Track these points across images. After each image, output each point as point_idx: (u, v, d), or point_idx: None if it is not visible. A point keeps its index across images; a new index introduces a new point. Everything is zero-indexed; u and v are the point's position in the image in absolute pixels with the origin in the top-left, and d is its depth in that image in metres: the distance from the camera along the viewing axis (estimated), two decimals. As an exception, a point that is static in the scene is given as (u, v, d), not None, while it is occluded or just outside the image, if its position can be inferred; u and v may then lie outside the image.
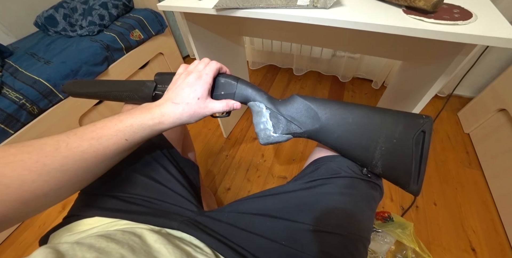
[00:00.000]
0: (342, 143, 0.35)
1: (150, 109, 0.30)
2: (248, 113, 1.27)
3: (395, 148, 0.33)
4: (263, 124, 0.37)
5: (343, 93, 1.35)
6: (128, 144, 0.27)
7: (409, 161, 0.33)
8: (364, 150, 0.34)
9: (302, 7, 0.44)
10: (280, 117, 0.37)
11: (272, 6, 0.45)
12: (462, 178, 0.95)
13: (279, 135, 0.36)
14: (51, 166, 0.21)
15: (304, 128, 0.36)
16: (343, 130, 0.34)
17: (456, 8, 0.38)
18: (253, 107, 0.39)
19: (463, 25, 0.34)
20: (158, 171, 0.37)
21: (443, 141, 1.08)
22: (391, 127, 0.33)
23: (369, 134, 0.33)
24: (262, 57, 1.54)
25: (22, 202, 0.20)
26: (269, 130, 0.37)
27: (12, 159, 0.20)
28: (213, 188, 0.98)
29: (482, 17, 0.36)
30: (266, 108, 0.38)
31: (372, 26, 0.37)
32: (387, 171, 0.34)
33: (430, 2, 0.35)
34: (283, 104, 0.37)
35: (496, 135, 0.93)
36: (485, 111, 1.00)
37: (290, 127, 0.36)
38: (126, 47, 1.23)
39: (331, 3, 0.42)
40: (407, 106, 0.57)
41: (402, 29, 0.35)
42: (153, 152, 0.39)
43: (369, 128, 0.34)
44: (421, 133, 0.33)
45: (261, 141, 0.37)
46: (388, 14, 0.39)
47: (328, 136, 0.35)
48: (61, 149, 0.22)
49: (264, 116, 0.37)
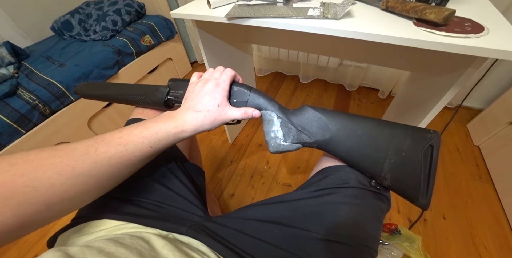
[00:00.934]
0: (352, 154, 0.34)
1: (173, 117, 0.30)
2: (253, 120, 1.27)
3: (404, 161, 0.33)
4: (274, 133, 0.37)
5: (349, 102, 1.34)
6: (152, 151, 0.28)
7: (418, 175, 0.33)
8: (373, 162, 0.34)
9: (313, 18, 0.44)
10: (291, 126, 0.37)
11: (282, 16, 0.46)
12: (473, 191, 0.92)
13: (289, 144, 0.36)
14: (79, 170, 0.22)
15: (314, 138, 0.36)
16: (353, 141, 0.34)
17: (468, 21, 0.38)
18: (265, 115, 0.39)
19: (475, 38, 0.34)
20: (166, 175, 0.37)
21: (452, 153, 1.06)
22: (399, 140, 0.33)
23: (378, 146, 0.33)
24: (269, 64, 1.56)
25: (48, 205, 0.20)
26: (280, 139, 0.36)
27: (44, 163, 0.20)
28: (217, 193, 0.97)
29: (494, 31, 0.35)
30: (277, 117, 0.38)
31: (383, 38, 0.37)
32: (396, 183, 0.33)
33: (441, 15, 0.35)
34: (293, 114, 0.38)
35: (508, 149, 0.91)
36: (495, 124, 0.98)
37: (300, 136, 0.37)
38: (137, 52, 1.26)
39: (342, 14, 0.42)
40: (416, 118, 0.57)
41: (413, 41, 0.35)
42: (161, 157, 0.39)
43: (378, 141, 0.34)
44: (429, 147, 0.33)
45: (271, 149, 0.36)
46: (398, 26, 0.39)
47: (338, 147, 0.35)
48: (90, 154, 0.23)
49: (275, 124, 0.37)
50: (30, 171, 0.19)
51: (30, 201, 0.19)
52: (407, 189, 0.33)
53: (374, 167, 0.33)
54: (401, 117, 0.73)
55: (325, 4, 0.48)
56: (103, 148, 0.24)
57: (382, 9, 0.46)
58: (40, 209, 0.20)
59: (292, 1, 0.53)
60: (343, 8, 0.43)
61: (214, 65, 0.76)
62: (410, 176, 0.33)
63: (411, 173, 0.33)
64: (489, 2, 0.45)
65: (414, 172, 0.33)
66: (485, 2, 0.46)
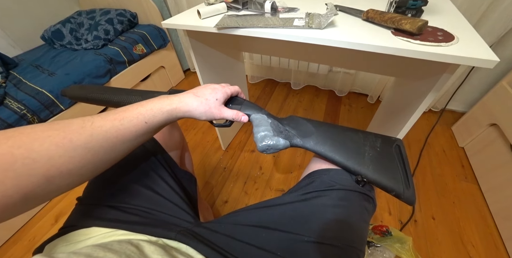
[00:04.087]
0: (336, 151, 0.38)
1: (169, 98, 0.32)
2: (246, 126, 1.28)
3: (381, 154, 0.38)
4: (264, 131, 0.38)
5: (340, 107, 1.38)
6: (147, 128, 0.28)
7: (395, 166, 0.38)
8: (355, 155, 0.38)
9: (298, 28, 0.47)
10: (280, 126, 0.41)
11: (270, 26, 0.48)
12: (459, 192, 0.95)
13: (278, 138, 0.37)
14: (77, 143, 0.22)
15: (301, 137, 0.39)
16: (335, 140, 0.39)
17: (440, 31, 0.42)
18: (255, 119, 0.41)
19: (445, 47, 0.37)
20: (157, 182, 0.37)
21: (438, 155, 1.10)
22: (372, 140, 0.40)
23: (356, 144, 0.39)
24: (261, 71, 1.59)
25: (47, 178, 0.20)
26: (269, 135, 0.38)
27: (40, 135, 0.20)
28: (210, 200, 0.97)
29: (463, 40, 0.39)
30: (268, 117, 0.41)
31: (364, 46, 0.40)
32: (379, 175, 0.36)
33: (415, 25, 0.38)
34: (282, 119, 0.43)
35: (490, 149, 0.95)
36: (477, 126, 1.03)
37: (289, 135, 0.39)
38: (129, 60, 1.27)
39: (325, 24, 0.45)
40: (400, 120, 0.59)
41: (391, 49, 0.38)
42: (152, 164, 0.40)
43: (354, 140, 0.40)
44: (396, 146, 0.40)
45: (259, 143, 0.37)
46: (378, 35, 0.42)
47: (323, 145, 0.38)
48: (87, 127, 0.23)
49: (266, 124, 0.39)
50: (27, 143, 0.19)
51: (29, 173, 0.19)
52: (389, 180, 0.35)
53: (357, 161, 0.37)
54: (388, 120, 0.75)
55: (310, 15, 0.51)
56: (99, 123, 0.24)
57: (363, 20, 0.50)
58: (40, 182, 0.20)
59: (279, 12, 0.56)
60: (327, 18, 0.45)
61: (206, 73, 0.78)
62: (389, 167, 0.37)
63: (389, 165, 0.37)
64: (460, 14, 0.49)
65: (391, 163, 0.37)
66: (456, 13, 0.50)
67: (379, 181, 0.35)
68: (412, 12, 0.47)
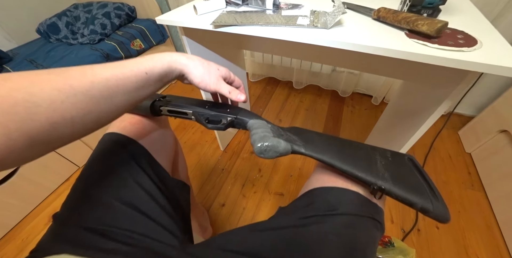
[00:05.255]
0: (342, 156, 0.33)
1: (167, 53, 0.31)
2: (246, 126, 1.25)
3: (394, 163, 0.34)
4: (263, 132, 0.34)
5: (343, 108, 1.34)
6: (146, 79, 0.27)
7: (414, 175, 0.33)
8: (366, 162, 0.33)
9: (302, 27, 0.43)
10: (281, 130, 0.37)
11: (271, 24, 0.44)
12: (465, 200, 0.91)
13: (279, 140, 0.33)
14: (78, 89, 0.21)
15: (304, 142, 0.35)
16: (341, 148, 0.35)
17: (460, 33, 0.37)
18: (254, 123, 0.37)
19: (468, 52, 0.33)
20: (141, 197, 0.34)
21: (444, 161, 1.06)
22: (381, 150, 0.36)
23: (365, 152, 0.35)
24: (262, 69, 1.55)
25: (51, 124, 0.20)
26: (269, 135, 0.34)
27: (40, 79, 0.20)
28: (207, 203, 0.94)
29: (487, 44, 0.34)
30: (268, 122, 0.38)
31: (375, 49, 0.36)
32: (398, 184, 0.31)
33: (434, 27, 0.34)
34: (283, 128, 0.39)
35: (499, 157, 0.91)
36: (486, 132, 0.99)
37: (290, 139, 0.35)
38: (126, 56, 1.23)
39: (332, 23, 0.41)
40: (409, 128, 0.55)
41: (405, 53, 0.34)
42: (138, 175, 0.36)
43: (362, 148, 0.36)
44: (409, 159, 0.35)
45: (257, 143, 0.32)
46: (390, 37, 0.38)
47: (327, 150, 0.34)
48: (87, 74, 0.22)
49: (265, 127, 0.36)
50: (26, 87, 0.19)
51: (32, 117, 0.18)
52: (412, 190, 0.30)
53: (369, 168, 0.32)
54: (394, 127, 0.71)
55: (315, 13, 0.47)
56: (99, 70, 0.24)
57: (374, 19, 0.45)
58: (44, 127, 0.19)
59: (282, 9, 0.51)
60: (334, 17, 0.41)
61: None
62: (407, 176, 0.32)
63: (407, 174, 0.33)
64: (480, 14, 0.44)
65: (409, 173, 0.33)
66: (476, 13, 0.45)
67: (399, 192, 0.29)
68: (428, 12, 0.42)
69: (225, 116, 0.39)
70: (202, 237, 0.76)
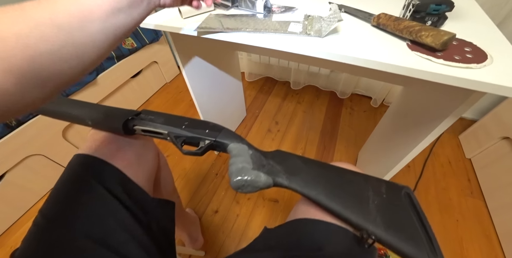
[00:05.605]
0: (330, 193, 0.30)
1: None
2: (241, 128, 1.21)
3: (389, 202, 0.30)
4: (242, 163, 0.32)
5: (341, 110, 1.30)
6: None
7: (410, 219, 0.29)
8: (357, 202, 0.30)
9: (294, 34, 0.39)
10: (263, 158, 0.34)
11: (260, 31, 0.40)
12: (464, 208, 0.89)
13: (258, 173, 0.31)
14: (39, 20, 0.20)
15: (288, 174, 0.32)
16: (329, 181, 0.32)
17: (468, 45, 0.34)
18: (234, 148, 0.35)
19: (477, 69, 0.29)
20: (112, 230, 0.31)
21: (444, 166, 1.03)
22: (375, 184, 0.32)
23: (357, 187, 0.31)
24: (259, 69, 1.50)
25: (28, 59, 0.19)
26: (248, 167, 0.31)
27: None
28: (199, 210, 0.92)
29: (498, 59, 0.31)
30: (249, 148, 0.35)
31: (372, 63, 0.32)
32: (392, 232, 0.28)
33: (439, 40, 0.30)
34: (266, 153, 0.36)
35: (500, 165, 0.88)
36: (488, 137, 0.96)
37: (272, 170, 0.32)
38: (118, 55, 1.18)
39: (327, 32, 0.37)
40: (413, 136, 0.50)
41: (406, 69, 0.30)
42: (108, 204, 0.33)
43: (354, 182, 0.32)
44: (406, 194, 0.31)
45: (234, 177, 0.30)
46: (390, 48, 0.34)
47: (314, 185, 0.31)
48: (42, 1, 0.21)
49: (245, 155, 0.33)
50: None
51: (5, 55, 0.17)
52: (406, 241, 0.27)
53: (360, 209, 0.29)
54: (395, 132, 0.68)
55: (309, 18, 0.43)
56: None
57: (373, 25, 0.41)
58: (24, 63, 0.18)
59: (273, 12, 0.47)
60: (329, 24, 0.37)
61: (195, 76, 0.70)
62: (402, 221, 0.28)
63: (402, 218, 0.29)
64: (490, 21, 0.40)
65: (405, 216, 0.29)
66: (486, 20, 0.41)
67: (392, 241, 0.26)
68: (433, 19, 0.38)
69: (203, 138, 0.36)
70: (193, 247, 0.74)
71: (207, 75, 0.78)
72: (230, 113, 1.10)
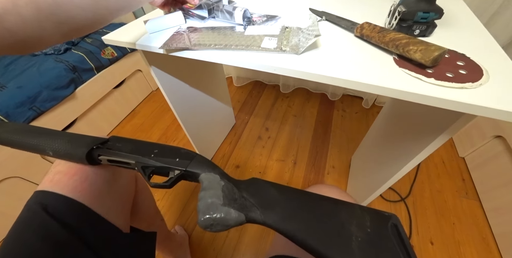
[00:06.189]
0: (308, 229, 0.27)
1: None
2: (230, 137, 1.17)
3: (374, 238, 0.27)
4: (211, 198, 0.28)
5: (333, 113, 1.27)
6: None
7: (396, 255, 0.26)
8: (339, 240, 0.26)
9: (268, 51, 0.35)
10: (235, 191, 0.31)
11: (230, 48, 0.36)
12: (459, 210, 0.87)
13: (229, 209, 0.27)
14: None
15: (262, 209, 0.29)
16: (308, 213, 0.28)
17: (461, 58, 0.30)
18: (205, 179, 0.31)
19: (472, 89, 0.26)
20: None
21: (437, 167, 1.02)
22: (359, 216, 0.29)
23: (338, 221, 0.28)
24: (247, 73, 1.46)
25: None
26: (218, 203, 0.28)
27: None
28: (189, 227, 0.88)
29: (494, 75, 0.28)
30: (221, 179, 0.32)
31: (355, 84, 0.29)
32: None
33: (429, 57, 0.27)
34: (240, 182, 0.32)
35: (493, 164, 0.87)
36: (481, 136, 0.94)
37: (245, 204, 0.29)
38: (97, 66, 1.12)
39: (303, 48, 0.33)
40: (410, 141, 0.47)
41: (394, 91, 0.27)
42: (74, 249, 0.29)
43: (335, 214, 0.28)
44: (393, 226, 0.28)
45: (202, 215, 0.26)
46: (375, 65, 0.31)
47: (290, 220, 0.27)
48: None
49: (216, 187, 0.30)
50: None
51: None
52: None
53: (341, 249, 0.26)
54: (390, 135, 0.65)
55: (287, 30, 0.39)
56: None
57: (356, 36, 0.38)
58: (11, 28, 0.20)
59: (254, 22, 0.43)
60: (307, 39, 0.34)
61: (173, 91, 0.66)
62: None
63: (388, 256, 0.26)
64: (483, 27, 0.37)
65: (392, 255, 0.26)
66: (478, 26, 0.38)
67: None
68: (421, 28, 0.35)
69: (173, 168, 0.32)
70: (182, 271, 0.70)
71: (187, 87, 0.73)
72: (217, 122, 1.06)
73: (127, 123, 1.31)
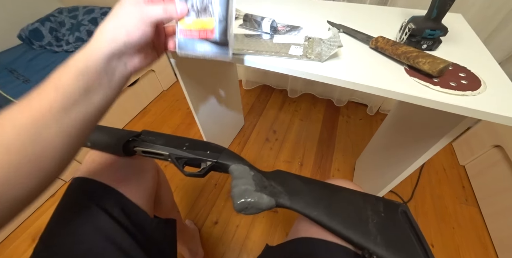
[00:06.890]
0: (331, 213, 0.31)
1: None
2: (240, 137, 1.22)
3: (388, 221, 0.32)
4: (244, 185, 0.33)
5: (338, 118, 1.32)
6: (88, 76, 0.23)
7: (409, 238, 0.31)
8: (357, 221, 0.31)
9: (294, 57, 0.40)
10: (264, 180, 0.35)
11: (261, 53, 0.41)
12: (459, 215, 0.91)
13: (261, 195, 0.31)
14: None
15: (290, 195, 0.33)
16: (329, 200, 0.33)
17: (462, 70, 0.35)
18: (235, 170, 0.36)
19: (472, 96, 0.30)
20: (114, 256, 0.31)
21: (438, 174, 1.06)
22: (373, 202, 0.34)
23: (356, 207, 0.32)
24: (256, 76, 1.51)
25: None
26: (251, 189, 0.32)
27: None
28: (199, 222, 0.91)
29: (491, 86, 0.32)
30: (250, 169, 0.36)
31: (373, 89, 0.33)
32: (393, 250, 0.29)
33: (436, 68, 0.32)
34: (267, 173, 0.37)
35: (492, 172, 0.91)
36: (480, 145, 0.98)
37: (274, 191, 0.33)
38: (115, 65, 1.18)
39: (327, 56, 0.38)
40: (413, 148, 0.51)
41: (405, 96, 0.32)
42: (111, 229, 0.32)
43: (353, 202, 0.33)
44: (402, 212, 0.33)
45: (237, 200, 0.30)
46: (389, 73, 0.36)
47: (315, 206, 0.32)
48: None
49: (247, 176, 0.34)
50: None
51: None
52: None
53: (360, 229, 0.30)
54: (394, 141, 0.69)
55: (310, 40, 0.44)
56: None
57: (371, 48, 0.43)
58: None
59: (279, 32, 0.48)
60: (329, 48, 0.38)
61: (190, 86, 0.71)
62: (402, 240, 0.30)
63: (401, 237, 0.31)
64: (482, 45, 0.42)
65: (404, 235, 0.31)
66: (478, 44, 0.43)
67: None
68: (428, 43, 0.40)
69: (205, 159, 0.36)
70: (193, 261, 0.73)
71: (204, 84, 0.78)
72: (228, 122, 1.10)
73: (139, 121, 1.36)
